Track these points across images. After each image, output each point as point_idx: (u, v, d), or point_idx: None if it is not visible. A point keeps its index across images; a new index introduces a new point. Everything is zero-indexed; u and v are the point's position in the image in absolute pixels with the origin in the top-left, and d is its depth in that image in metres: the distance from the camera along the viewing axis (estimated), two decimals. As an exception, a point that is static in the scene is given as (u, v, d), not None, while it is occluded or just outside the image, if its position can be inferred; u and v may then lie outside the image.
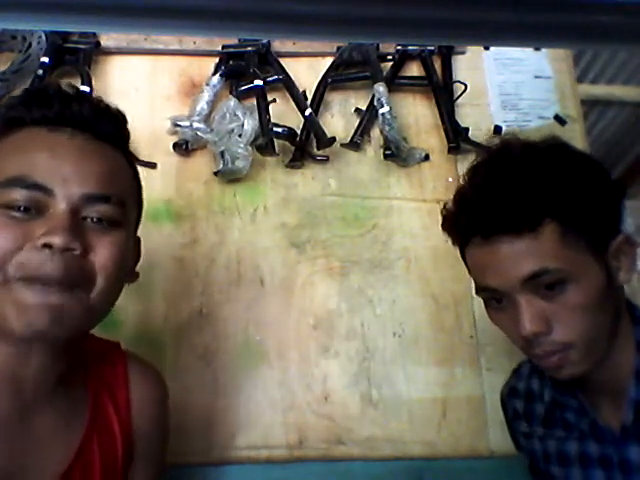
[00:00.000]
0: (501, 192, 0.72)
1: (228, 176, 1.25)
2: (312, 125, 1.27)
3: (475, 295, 0.81)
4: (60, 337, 0.64)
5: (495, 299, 0.77)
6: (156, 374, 0.85)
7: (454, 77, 1.38)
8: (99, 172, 0.67)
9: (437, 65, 1.38)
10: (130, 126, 0.76)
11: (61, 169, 0.64)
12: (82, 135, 0.68)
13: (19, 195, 0.62)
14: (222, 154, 1.23)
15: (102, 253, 0.65)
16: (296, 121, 1.29)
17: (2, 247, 0.61)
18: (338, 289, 1.23)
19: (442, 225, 0.82)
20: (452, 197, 0.79)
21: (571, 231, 0.71)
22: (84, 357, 0.75)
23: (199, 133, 1.24)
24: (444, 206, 0.81)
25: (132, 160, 0.75)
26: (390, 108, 1.27)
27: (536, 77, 1.44)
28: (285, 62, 1.34)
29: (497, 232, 0.72)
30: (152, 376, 0.83)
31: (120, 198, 0.68)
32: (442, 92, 1.35)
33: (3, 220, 0.62)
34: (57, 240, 0.60)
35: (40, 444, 0.67)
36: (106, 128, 0.70)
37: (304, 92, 1.33)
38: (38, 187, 0.63)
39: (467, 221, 0.76)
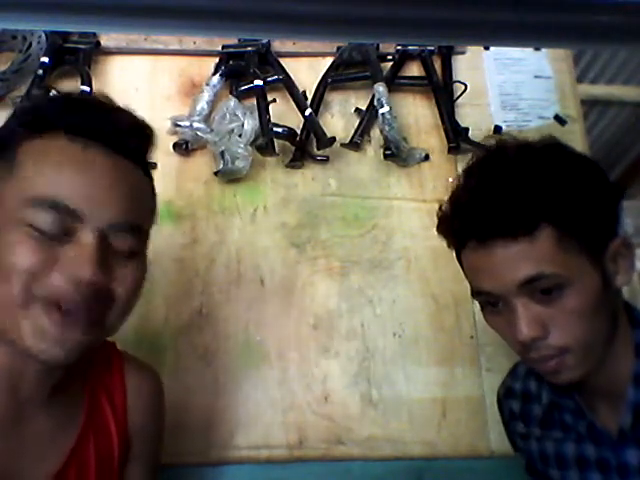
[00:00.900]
0: (496, 195, 0.71)
1: (228, 176, 1.25)
2: (312, 125, 1.27)
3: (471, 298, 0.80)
4: (72, 362, 0.65)
5: (491, 303, 0.76)
6: (152, 373, 0.85)
7: (454, 77, 1.38)
8: (128, 199, 0.65)
9: (437, 65, 1.38)
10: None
11: (94, 195, 0.63)
12: (115, 154, 0.65)
13: (48, 218, 0.60)
14: (222, 154, 1.23)
15: (123, 283, 0.65)
16: (296, 121, 1.29)
17: (28, 268, 0.60)
18: (338, 289, 1.23)
19: (437, 228, 0.81)
20: (447, 199, 0.79)
21: (568, 235, 0.70)
22: (82, 359, 0.75)
23: (199, 133, 1.24)
24: (439, 208, 0.80)
25: (150, 171, 0.73)
26: (390, 108, 1.27)
27: (536, 77, 1.44)
28: (285, 62, 1.34)
29: (492, 236, 0.71)
30: (148, 376, 0.84)
31: (143, 227, 0.68)
32: (442, 92, 1.35)
33: (29, 240, 0.60)
34: (86, 274, 0.60)
35: (35, 444, 0.67)
36: (138, 146, 0.69)
37: (304, 92, 1.33)
38: (69, 212, 0.61)
39: (462, 225, 0.75)
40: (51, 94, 1.17)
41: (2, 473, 0.64)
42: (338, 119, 1.36)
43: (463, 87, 1.35)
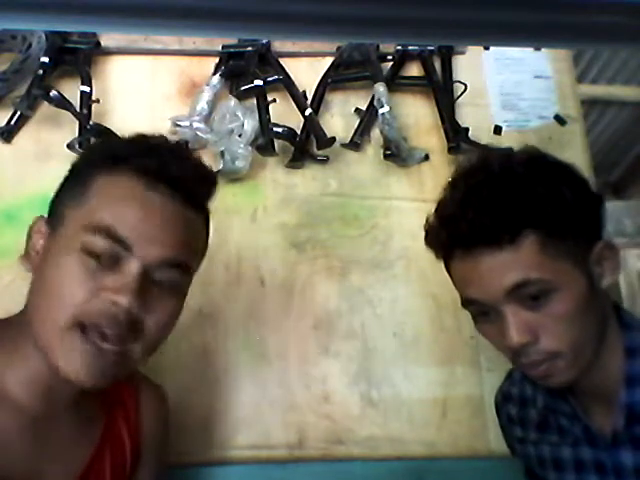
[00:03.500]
0: (480, 205, 0.72)
1: (228, 176, 1.25)
2: (312, 125, 1.27)
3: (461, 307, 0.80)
4: (98, 389, 0.69)
5: (481, 312, 0.77)
6: (162, 392, 0.90)
7: (454, 77, 1.38)
8: (180, 240, 0.70)
9: (437, 65, 1.38)
10: (130, 126, 0.76)
11: (147, 231, 0.67)
12: (175, 199, 0.70)
13: (101, 244, 0.65)
14: (222, 154, 1.23)
15: (155, 316, 0.68)
16: (296, 121, 1.29)
17: (77, 297, 0.64)
18: (338, 289, 1.23)
19: (425, 240, 0.82)
20: (433, 211, 0.80)
21: (551, 241, 0.71)
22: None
23: (199, 133, 1.24)
24: (426, 220, 0.81)
25: (208, 219, 0.77)
26: (390, 108, 1.27)
27: (536, 77, 1.44)
28: (285, 62, 1.34)
29: (477, 244, 0.72)
30: (159, 394, 0.89)
31: (190, 265, 0.72)
32: (442, 92, 1.35)
33: (81, 270, 0.65)
34: (124, 301, 0.65)
35: (59, 448, 0.72)
36: (200, 193, 0.74)
37: (304, 92, 1.33)
38: (120, 242, 0.66)
39: (448, 235, 0.76)
40: (52, 93, 1.17)
41: (28, 472, 0.68)
42: (338, 119, 1.36)
43: (463, 87, 1.35)
